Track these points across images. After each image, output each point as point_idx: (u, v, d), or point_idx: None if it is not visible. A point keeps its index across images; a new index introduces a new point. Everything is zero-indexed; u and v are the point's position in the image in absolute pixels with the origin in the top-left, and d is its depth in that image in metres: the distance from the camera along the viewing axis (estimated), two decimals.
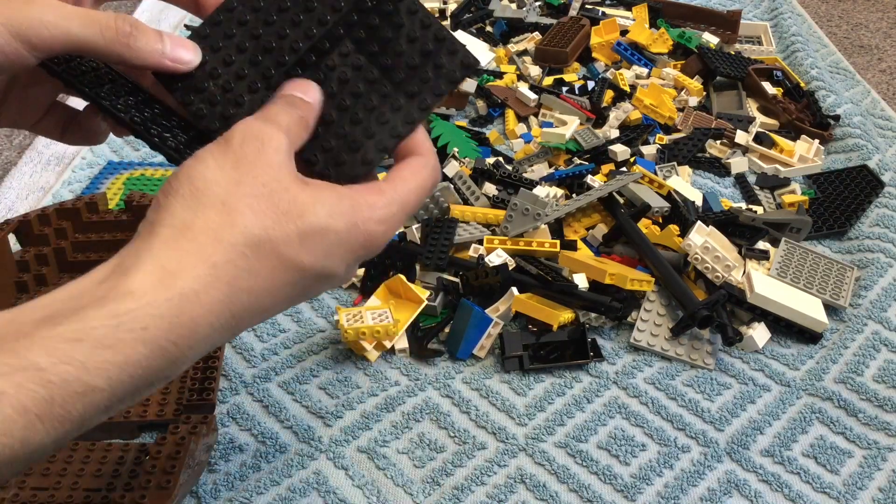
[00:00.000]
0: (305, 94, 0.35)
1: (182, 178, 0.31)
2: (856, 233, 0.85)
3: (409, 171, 0.36)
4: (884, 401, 0.65)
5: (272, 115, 0.33)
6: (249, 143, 0.32)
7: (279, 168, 0.31)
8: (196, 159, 0.31)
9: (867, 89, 1.17)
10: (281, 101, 0.35)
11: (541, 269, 0.74)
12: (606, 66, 1.16)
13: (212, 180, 0.30)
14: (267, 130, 0.32)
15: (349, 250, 0.33)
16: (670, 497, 0.58)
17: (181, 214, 0.30)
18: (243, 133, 0.32)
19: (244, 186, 0.30)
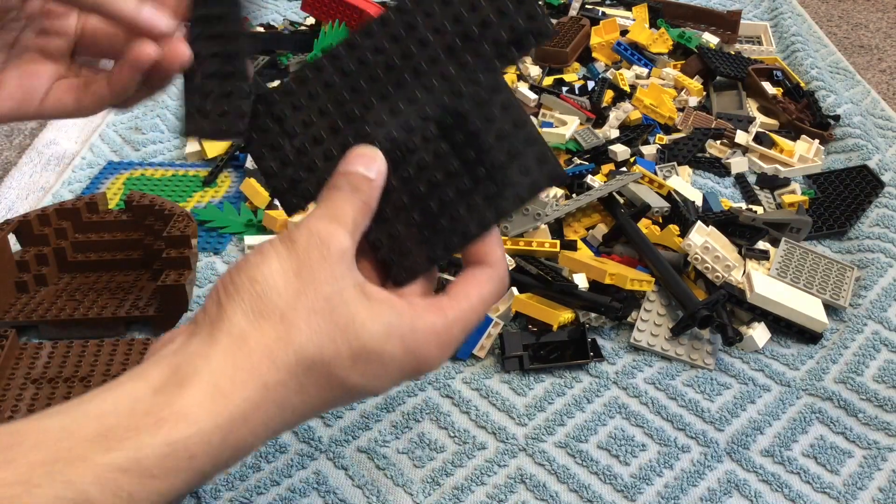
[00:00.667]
0: (369, 170, 0.34)
1: (245, 278, 0.31)
2: (856, 233, 0.85)
3: (475, 286, 0.34)
4: (884, 401, 0.65)
5: (338, 211, 0.33)
6: (315, 248, 0.31)
7: (342, 279, 0.31)
8: (261, 257, 0.31)
9: (867, 89, 1.17)
10: (345, 184, 0.34)
11: (541, 269, 0.74)
12: (606, 66, 1.16)
13: (274, 288, 0.30)
14: (333, 233, 0.32)
15: (400, 373, 0.32)
16: (670, 497, 0.58)
17: (240, 323, 0.30)
18: (309, 235, 0.31)
19: (305, 299, 0.30)
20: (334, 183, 0.34)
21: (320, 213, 0.32)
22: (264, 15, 1.41)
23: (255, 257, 0.31)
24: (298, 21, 1.34)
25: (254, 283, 0.30)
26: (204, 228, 0.84)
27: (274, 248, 0.31)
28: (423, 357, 0.32)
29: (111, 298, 0.73)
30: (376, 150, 0.35)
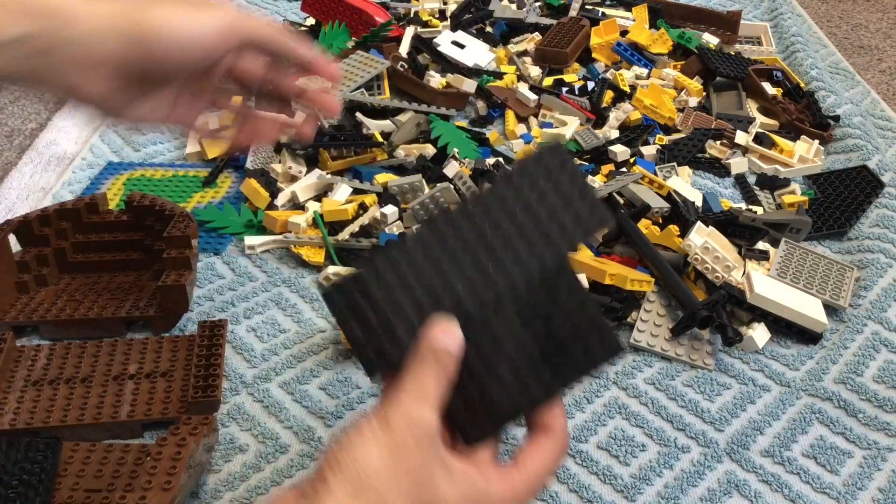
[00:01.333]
0: (450, 345, 0.38)
1: (348, 458, 0.34)
2: (856, 233, 0.85)
3: (539, 455, 0.38)
4: (884, 401, 0.65)
5: (426, 389, 0.36)
6: (409, 432, 0.35)
7: (431, 461, 0.35)
8: (361, 439, 0.34)
9: (867, 89, 1.17)
10: (431, 359, 0.37)
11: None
12: (606, 67, 1.16)
13: (373, 470, 0.33)
14: (424, 415, 0.35)
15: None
16: (670, 497, 0.58)
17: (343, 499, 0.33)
18: (404, 418, 0.35)
19: (399, 481, 0.34)
20: (422, 356, 0.37)
21: (411, 391, 0.36)
22: (264, 15, 1.41)
23: (356, 438, 0.35)
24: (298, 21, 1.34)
25: (356, 463, 0.34)
26: (204, 229, 0.84)
27: (372, 430, 0.35)
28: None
29: (111, 299, 0.73)
30: (454, 324, 0.38)
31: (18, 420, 0.60)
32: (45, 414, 0.61)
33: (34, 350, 0.67)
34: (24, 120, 1.09)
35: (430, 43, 1.15)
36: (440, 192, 0.82)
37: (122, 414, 0.61)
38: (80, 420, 0.60)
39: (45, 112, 1.11)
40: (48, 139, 1.02)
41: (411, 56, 1.13)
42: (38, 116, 1.10)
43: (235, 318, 0.73)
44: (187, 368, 0.65)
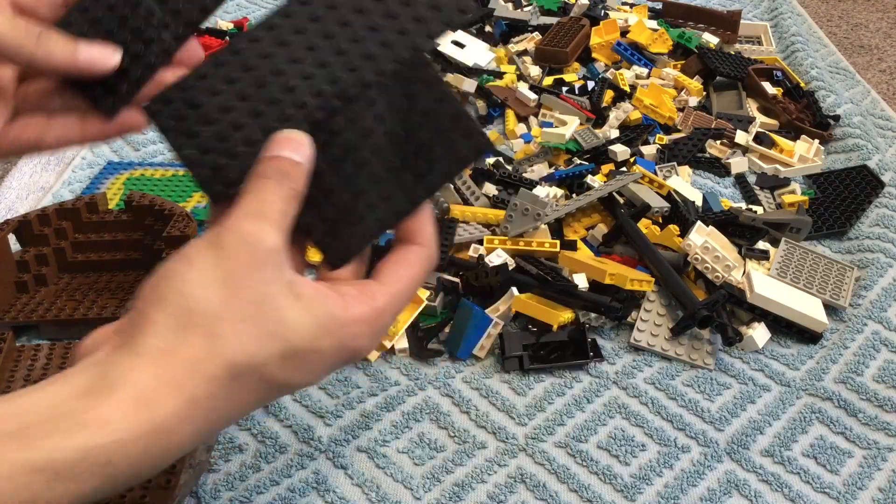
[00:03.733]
0: (296, 153, 0.33)
1: (170, 289, 0.30)
2: (856, 233, 0.85)
3: (404, 267, 0.34)
4: (884, 401, 0.65)
5: (266, 205, 0.32)
6: (243, 251, 0.30)
7: (271, 281, 0.30)
8: (187, 265, 0.30)
9: (867, 89, 1.17)
10: (272, 171, 0.33)
11: (541, 269, 0.74)
12: (606, 66, 1.16)
13: (200, 299, 0.30)
14: (261, 233, 0.31)
15: (333, 364, 0.33)
16: (670, 497, 0.58)
17: (165, 334, 0.29)
18: (237, 239, 0.31)
19: (233, 308, 0.30)
20: (261, 171, 0.33)
21: (247, 208, 0.32)
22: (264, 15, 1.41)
23: (181, 264, 0.31)
24: None
25: (180, 294, 0.30)
26: (204, 228, 0.84)
27: (200, 254, 0.31)
28: (354, 347, 0.32)
29: (111, 298, 0.73)
30: (303, 133, 0.34)
31: None
32: None
33: (34, 350, 0.67)
34: None
35: None
36: (440, 192, 0.82)
37: None
38: None
39: None
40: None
41: None
42: None
43: None
44: None
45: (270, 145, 0.33)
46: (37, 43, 0.34)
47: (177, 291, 0.30)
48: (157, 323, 0.29)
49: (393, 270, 0.34)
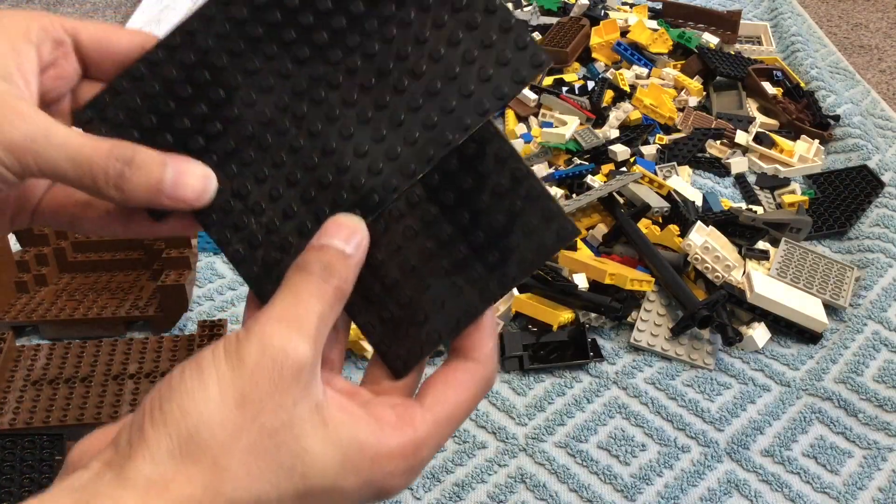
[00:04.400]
0: (347, 242, 0.29)
1: (176, 407, 0.25)
2: (856, 233, 0.85)
3: (456, 388, 0.29)
4: (884, 401, 0.65)
5: (301, 308, 0.27)
6: (266, 367, 0.25)
7: (294, 406, 0.26)
8: (199, 381, 0.25)
9: (867, 89, 1.17)
10: (316, 265, 0.28)
11: (541, 269, 0.74)
12: (606, 66, 1.16)
13: (208, 425, 0.25)
14: (291, 347, 0.26)
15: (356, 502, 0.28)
16: (670, 497, 0.58)
17: (161, 462, 0.24)
18: (261, 353, 0.25)
19: (246, 438, 0.25)
20: (303, 263, 0.28)
21: (280, 312, 0.27)
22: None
23: (192, 380, 0.25)
24: None
25: (186, 415, 0.25)
26: None
27: (216, 367, 0.26)
28: (383, 486, 0.28)
29: (111, 298, 0.73)
30: (356, 218, 0.29)
31: (18, 420, 0.60)
32: (44, 414, 0.61)
33: (34, 350, 0.67)
34: None
35: None
36: None
37: (122, 414, 0.61)
38: (80, 420, 0.60)
39: None
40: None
41: None
42: None
43: (235, 317, 0.73)
44: None
45: (320, 232, 0.29)
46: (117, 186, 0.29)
47: (182, 410, 0.25)
48: (154, 446, 0.25)
49: (441, 391, 0.29)
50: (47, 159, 0.28)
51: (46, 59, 0.31)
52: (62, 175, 0.28)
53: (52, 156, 0.28)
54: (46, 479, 0.53)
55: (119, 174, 0.29)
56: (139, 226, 0.33)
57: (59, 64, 0.31)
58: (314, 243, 0.29)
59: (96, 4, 1.50)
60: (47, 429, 0.60)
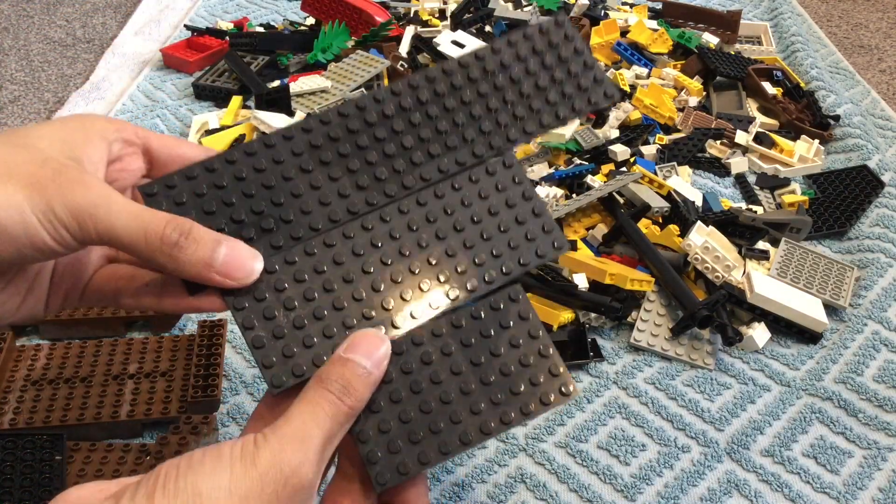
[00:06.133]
0: (369, 358, 0.31)
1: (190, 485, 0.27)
2: (856, 233, 0.85)
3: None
4: (884, 401, 0.65)
5: (315, 432, 0.29)
6: (271, 479, 0.28)
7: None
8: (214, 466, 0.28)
9: (867, 89, 1.17)
10: (336, 383, 0.31)
11: (541, 269, 0.74)
12: (606, 66, 1.16)
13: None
14: (301, 468, 0.29)
15: None
16: (670, 497, 0.58)
17: None
18: (274, 466, 0.28)
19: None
20: (325, 379, 0.31)
21: (295, 430, 0.29)
22: (264, 15, 1.41)
23: (209, 462, 0.28)
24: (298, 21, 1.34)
25: (196, 495, 0.27)
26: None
27: (232, 462, 0.28)
28: None
29: None
30: (383, 336, 0.32)
31: (18, 420, 0.60)
32: (45, 414, 0.61)
33: (34, 350, 0.67)
34: (24, 119, 1.09)
35: (430, 42, 1.15)
36: None
37: (122, 413, 0.61)
38: (80, 420, 0.60)
39: (45, 111, 1.11)
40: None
41: (411, 56, 1.13)
42: (38, 116, 1.10)
43: None
44: (187, 368, 0.65)
45: (347, 343, 0.32)
46: (170, 254, 0.31)
47: (194, 489, 0.27)
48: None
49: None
50: (107, 224, 0.30)
51: (115, 153, 0.34)
52: (119, 240, 0.30)
53: (112, 221, 0.30)
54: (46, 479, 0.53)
55: (174, 243, 0.31)
56: (172, 301, 0.35)
57: (125, 160, 0.34)
58: (340, 354, 0.31)
59: (96, 5, 1.50)
60: (47, 429, 0.60)
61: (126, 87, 1.16)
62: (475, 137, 0.37)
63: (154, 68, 1.21)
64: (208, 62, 1.19)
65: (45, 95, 1.16)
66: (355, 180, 0.35)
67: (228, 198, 0.34)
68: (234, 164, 0.34)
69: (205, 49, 1.21)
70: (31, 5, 1.49)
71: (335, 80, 1.05)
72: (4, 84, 1.19)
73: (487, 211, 0.36)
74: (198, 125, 1.00)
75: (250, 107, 1.04)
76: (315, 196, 0.35)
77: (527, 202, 0.37)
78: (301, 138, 0.35)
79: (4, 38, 1.35)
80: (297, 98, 1.02)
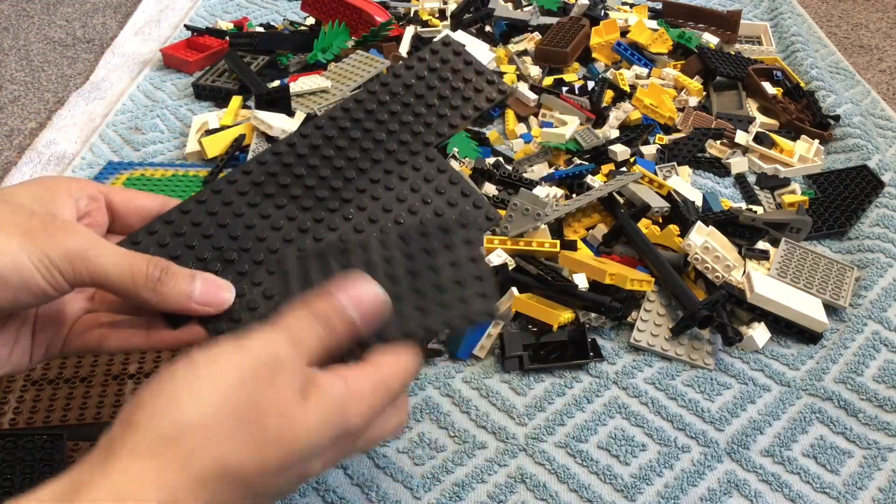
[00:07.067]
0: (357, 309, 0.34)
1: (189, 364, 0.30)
2: (856, 233, 0.85)
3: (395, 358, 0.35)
4: (884, 401, 0.65)
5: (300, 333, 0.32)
6: (263, 368, 0.30)
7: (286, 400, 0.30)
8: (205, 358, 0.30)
9: (867, 89, 1.17)
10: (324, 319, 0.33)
11: (541, 269, 0.74)
12: (606, 66, 1.16)
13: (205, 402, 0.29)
14: (288, 359, 0.31)
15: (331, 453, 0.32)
16: (670, 497, 0.58)
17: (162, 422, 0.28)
18: (263, 351, 0.31)
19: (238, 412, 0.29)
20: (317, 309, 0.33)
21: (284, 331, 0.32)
22: (264, 15, 1.41)
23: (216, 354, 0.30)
24: (298, 21, 1.34)
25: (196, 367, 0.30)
26: None
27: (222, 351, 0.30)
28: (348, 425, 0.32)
29: None
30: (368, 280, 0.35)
31: (19, 420, 0.60)
32: (45, 414, 0.61)
33: None
34: (23, 119, 1.09)
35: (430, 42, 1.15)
36: None
37: None
38: (80, 420, 0.60)
39: (45, 111, 1.11)
40: (48, 138, 1.02)
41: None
42: (38, 116, 1.10)
43: None
44: None
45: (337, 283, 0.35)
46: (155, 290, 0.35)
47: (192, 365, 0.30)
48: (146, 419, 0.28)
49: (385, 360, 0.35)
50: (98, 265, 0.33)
51: (83, 209, 0.38)
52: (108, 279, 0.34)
53: (102, 262, 0.34)
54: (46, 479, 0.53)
55: (157, 279, 0.35)
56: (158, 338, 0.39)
57: (92, 214, 0.39)
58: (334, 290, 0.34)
59: (96, 5, 1.50)
60: (47, 429, 0.60)
61: (126, 87, 1.16)
62: (396, 148, 0.43)
63: (154, 68, 1.21)
64: (208, 62, 1.19)
65: (45, 95, 1.16)
66: (299, 203, 0.41)
67: (190, 241, 0.40)
68: (189, 214, 0.41)
69: (205, 49, 1.21)
70: (31, 5, 1.49)
71: (335, 80, 1.05)
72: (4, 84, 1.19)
73: (422, 201, 0.41)
74: (198, 125, 1.00)
75: (250, 107, 1.04)
76: (266, 224, 0.41)
77: (454, 185, 0.42)
78: (244, 180, 0.41)
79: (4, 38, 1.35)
80: (297, 98, 1.02)
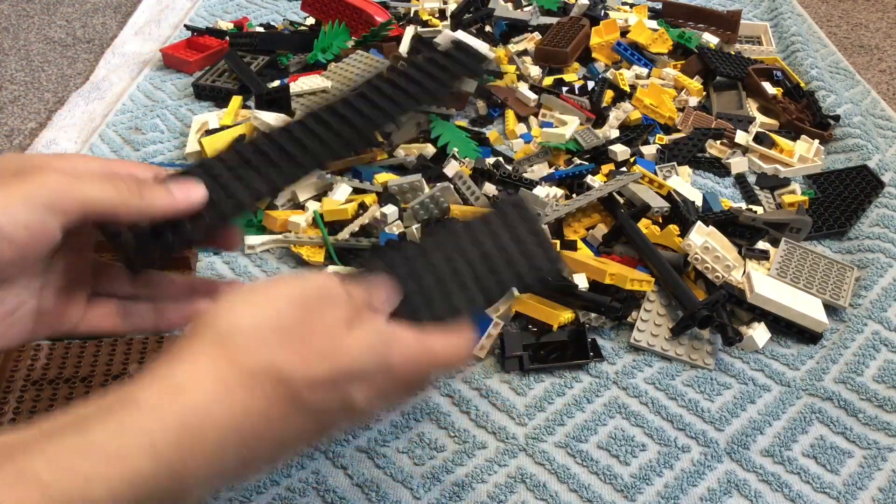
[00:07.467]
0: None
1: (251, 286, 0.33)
2: (856, 233, 0.85)
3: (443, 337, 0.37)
4: (884, 401, 0.65)
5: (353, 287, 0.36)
6: (316, 296, 0.33)
7: (334, 326, 0.33)
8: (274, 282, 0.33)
9: (867, 89, 1.17)
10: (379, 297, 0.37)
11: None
12: (606, 66, 1.16)
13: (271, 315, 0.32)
14: (340, 296, 0.34)
15: (373, 387, 0.34)
16: (670, 497, 0.58)
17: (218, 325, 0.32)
18: (318, 284, 0.34)
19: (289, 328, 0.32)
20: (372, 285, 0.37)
21: (340, 279, 0.36)
22: (264, 15, 1.41)
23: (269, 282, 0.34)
24: (298, 21, 1.34)
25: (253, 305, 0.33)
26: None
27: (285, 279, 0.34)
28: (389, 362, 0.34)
29: None
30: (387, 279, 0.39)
31: (19, 420, 0.60)
32: (45, 414, 0.61)
33: (34, 350, 0.67)
34: (24, 119, 1.09)
35: (430, 42, 1.15)
36: (440, 191, 0.81)
37: None
38: None
39: (45, 111, 1.11)
40: (48, 138, 1.02)
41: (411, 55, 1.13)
42: (38, 116, 1.10)
43: None
44: None
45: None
46: (141, 196, 0.36)
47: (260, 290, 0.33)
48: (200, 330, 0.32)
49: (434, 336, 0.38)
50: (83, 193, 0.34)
51: None
52: (98, 203, 0.34)
53: (86, 190, 0.34)
54: None
55: (139, 188, 0.36)
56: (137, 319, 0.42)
57: None
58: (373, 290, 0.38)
59: (96, 5, 1.50)
60: None
61: (126, 87, 1.16)
62: None
63: (154, 68, 1.21)
64: (208, 62, 1.19)
65: (45, 95, 1.16)
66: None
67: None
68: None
69: (205, 49, 1.21)
70: (31, 5, 1.49)
71: (335, 81, 1.05)
72: (4, 84, 1.19)
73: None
74: (198, 125, 1.00)
75: (250, 107, 1.04)
76: None
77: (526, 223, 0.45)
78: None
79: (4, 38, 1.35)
80: (297, 98, 1.02)
